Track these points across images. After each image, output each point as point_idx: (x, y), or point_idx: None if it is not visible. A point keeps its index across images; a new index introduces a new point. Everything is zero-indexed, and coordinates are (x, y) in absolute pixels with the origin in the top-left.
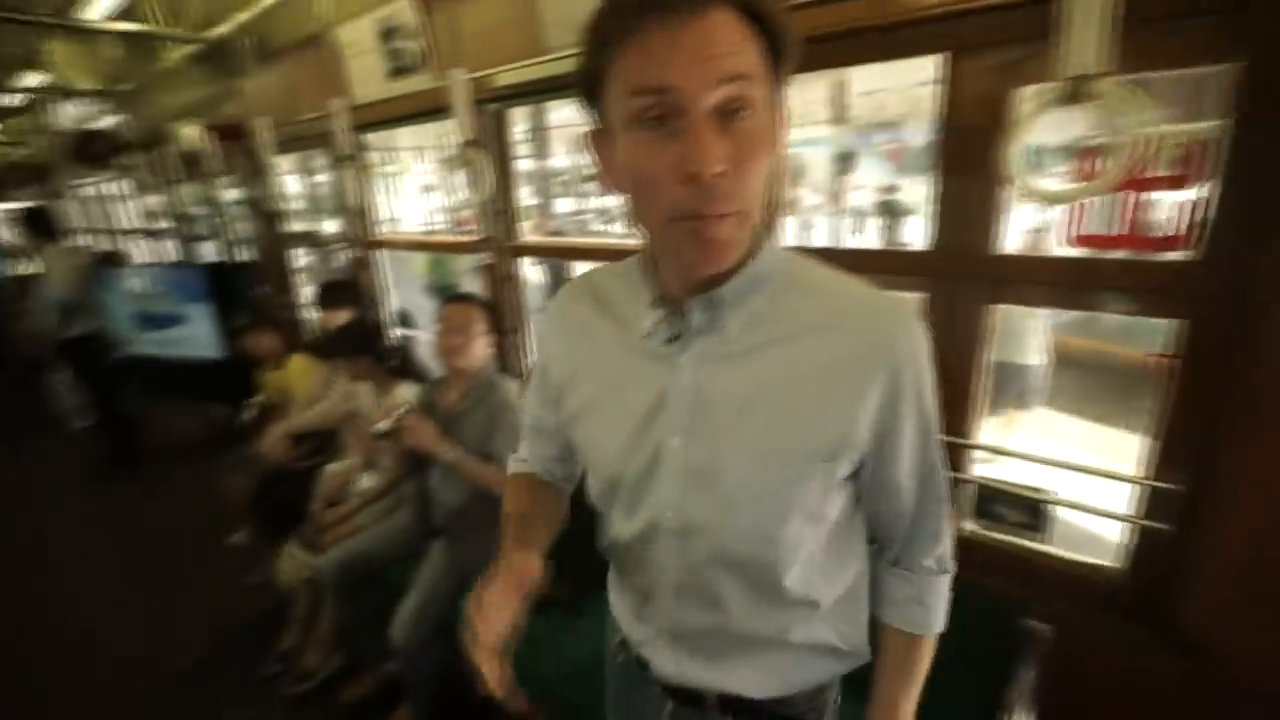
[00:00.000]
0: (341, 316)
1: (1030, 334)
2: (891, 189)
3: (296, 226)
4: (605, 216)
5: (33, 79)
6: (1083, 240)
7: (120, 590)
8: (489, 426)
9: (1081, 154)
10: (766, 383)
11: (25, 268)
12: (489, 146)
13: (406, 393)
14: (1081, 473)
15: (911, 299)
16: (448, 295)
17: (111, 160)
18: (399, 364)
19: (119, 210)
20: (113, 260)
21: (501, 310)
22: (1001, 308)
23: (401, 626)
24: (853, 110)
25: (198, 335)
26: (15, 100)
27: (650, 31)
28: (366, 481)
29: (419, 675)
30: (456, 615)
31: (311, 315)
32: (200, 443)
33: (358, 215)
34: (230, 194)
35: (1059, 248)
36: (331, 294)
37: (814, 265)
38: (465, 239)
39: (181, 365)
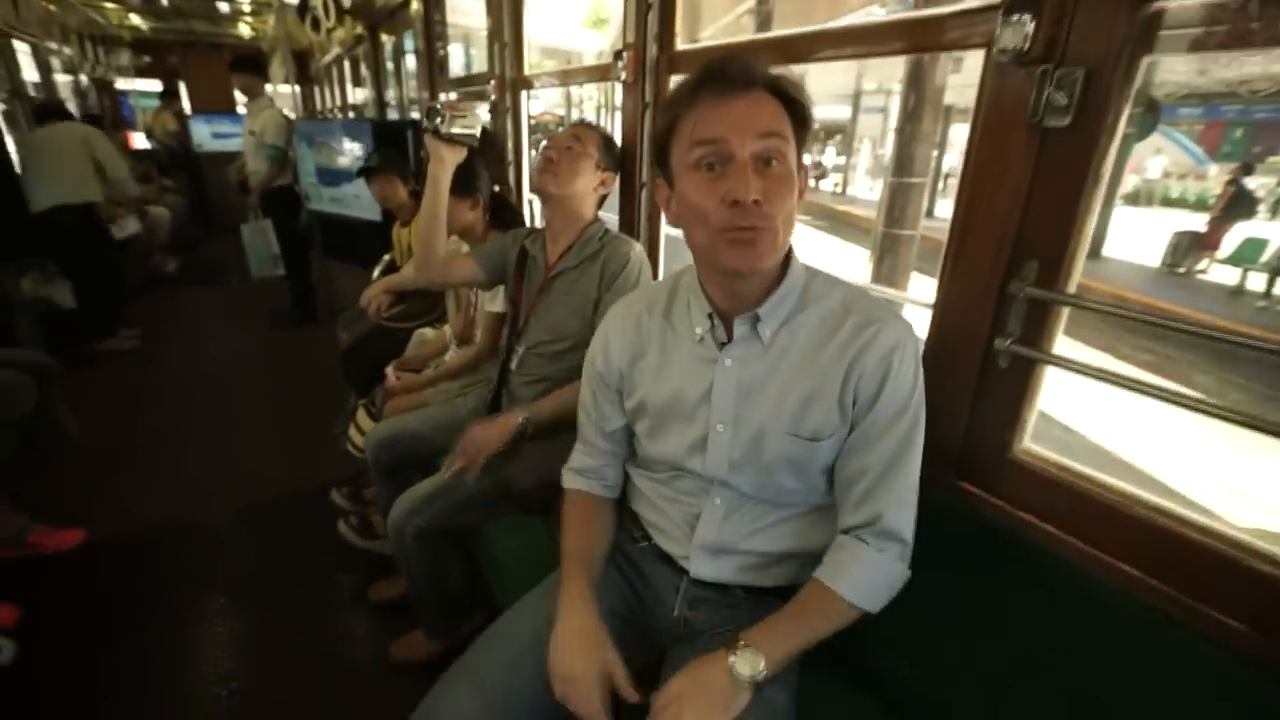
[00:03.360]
0: None
1: None
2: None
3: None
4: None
5: None
6: None
7: (264, 421)
8: (593, 297)
9: None
10: (792, 378)
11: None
12: None
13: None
14: None
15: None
16: None
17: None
18: (507, 220)
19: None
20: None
21: (634, 150)
22: None
23: (402, 503)
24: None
25: (362, 194)
26: None
27: (709, 101)
28: (453, 356)
29: (411, 576)
30: (465, 526)
31: None
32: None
33: (508, 48)
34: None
35: None
36: None
37: (826, 279)
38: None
39: (353, 224)
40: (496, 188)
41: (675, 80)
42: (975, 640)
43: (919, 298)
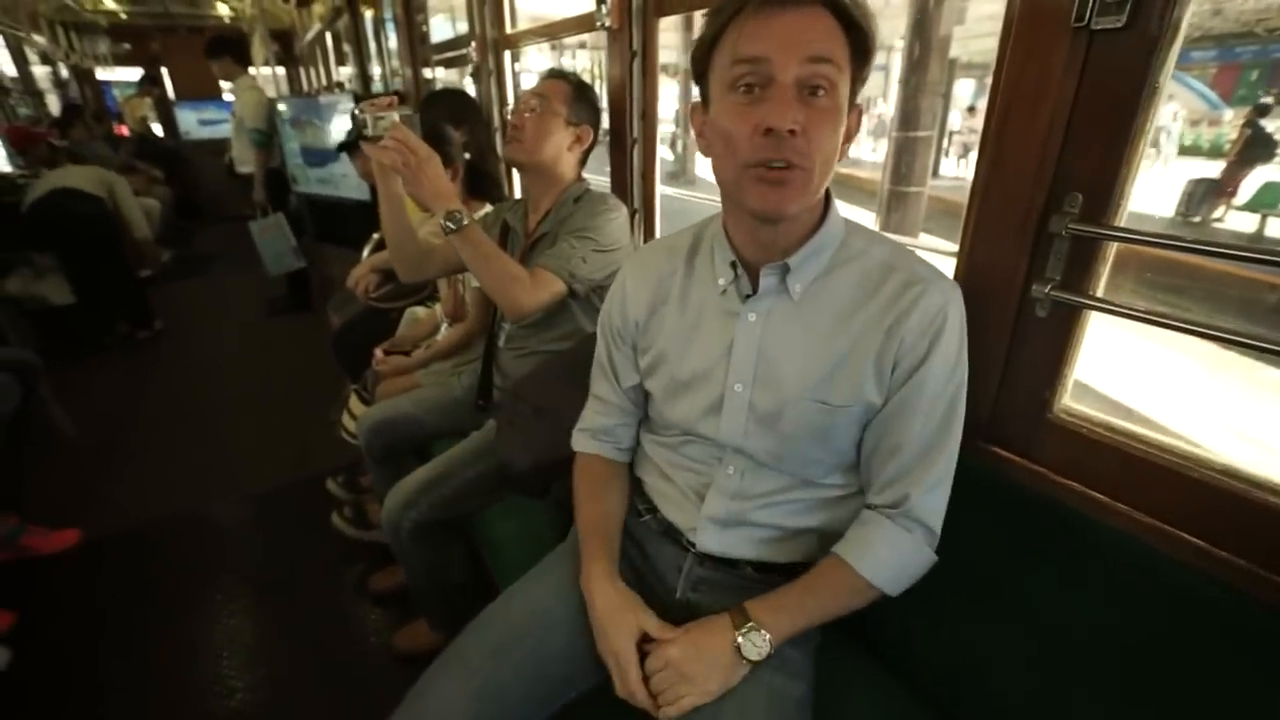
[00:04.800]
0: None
1: None
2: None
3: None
4: None
5: None
6: None
7: (263, 411)
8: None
9: None
10: (820, 339)
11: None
12: None
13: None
14: None
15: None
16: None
17: None
18: (485, 188)
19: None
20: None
21: (622, 104)
22: None
23: (395, 496)
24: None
25: (349, 173)
26: None
27: (755, 14)
28: (445, 334)
29: (410, 569)
30: (462, 515)
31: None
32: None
33: (488, 5)
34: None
35: None
36: (426, 107)
37: (867, 234)
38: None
39: (342, 206)
40: (467, 155)
41: (664, 31)
42: (1015, 620)
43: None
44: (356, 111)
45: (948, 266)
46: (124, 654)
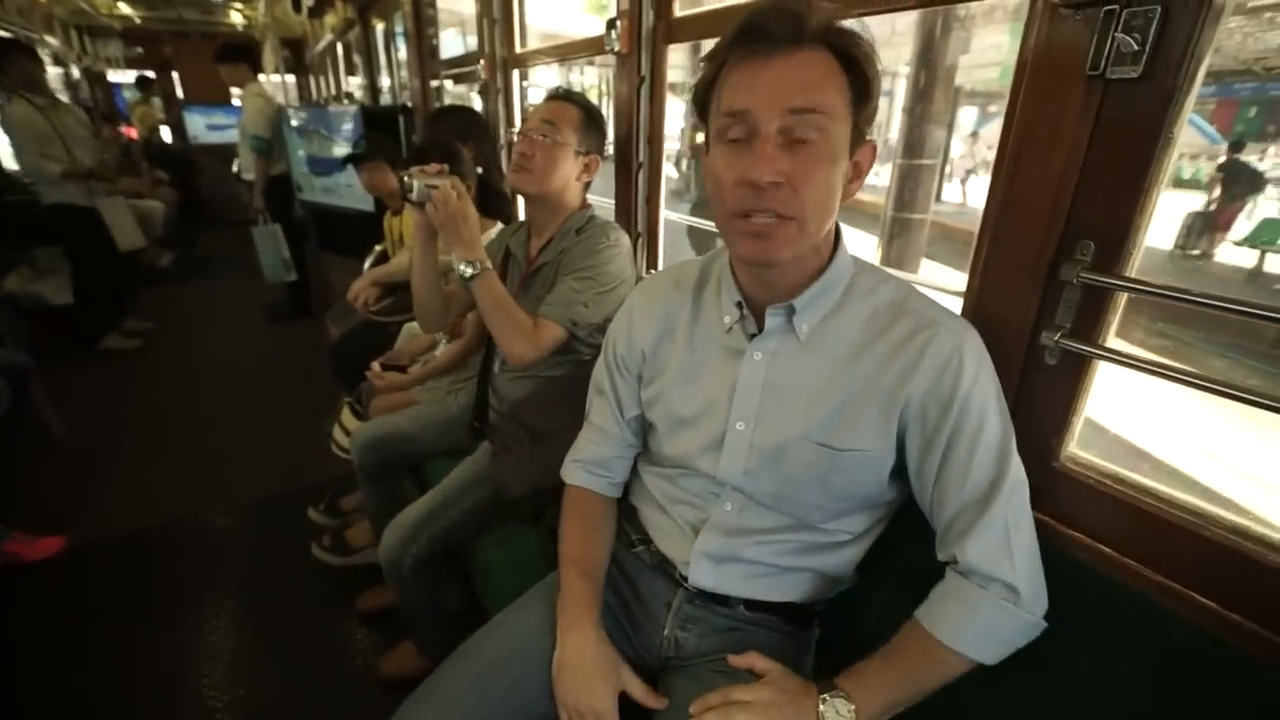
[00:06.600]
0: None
1: None
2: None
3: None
4: None
5: None
6: None
7: (257, 419)
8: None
9: None
10: (825, 380)
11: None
12: None
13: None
14: None
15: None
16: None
17: None
18: (499, 209)
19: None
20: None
21: (629, 129)
22: None
23: (393, 531)
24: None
25: (354, 183)
26: None
27: (742, 62)
28: (443, 351)
29: (408, 602)
30: (461, 545)
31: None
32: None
33: (498, 25)
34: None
35: None
36: (433, 123)
37: (876, 273)
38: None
39: (346, 215)
40: (480, 170)
41: (674, 50)
42: (1015, 675)
43: (948, 285)
44: (405, 176)
45: (953, 307)
46: (104, 666)
